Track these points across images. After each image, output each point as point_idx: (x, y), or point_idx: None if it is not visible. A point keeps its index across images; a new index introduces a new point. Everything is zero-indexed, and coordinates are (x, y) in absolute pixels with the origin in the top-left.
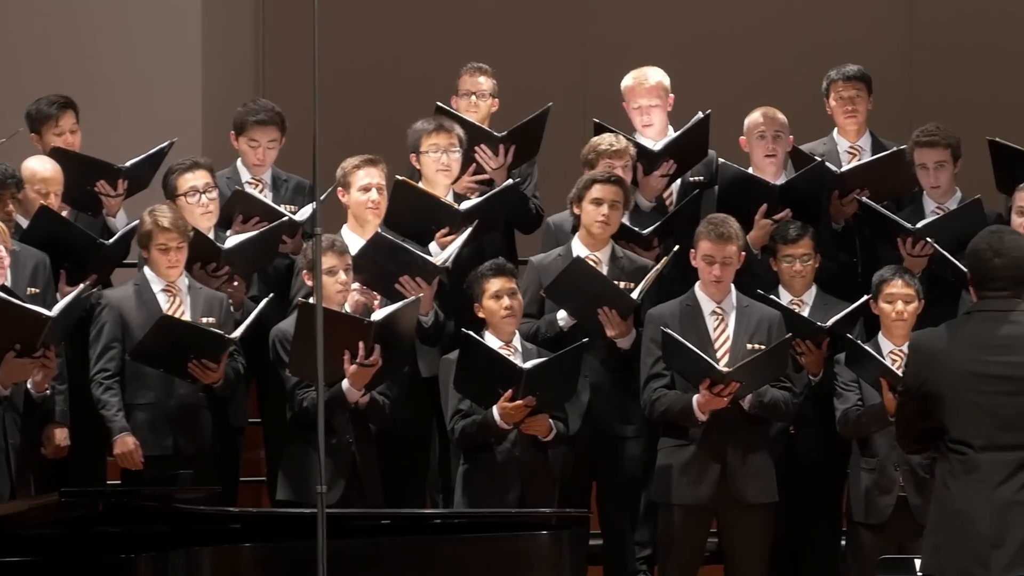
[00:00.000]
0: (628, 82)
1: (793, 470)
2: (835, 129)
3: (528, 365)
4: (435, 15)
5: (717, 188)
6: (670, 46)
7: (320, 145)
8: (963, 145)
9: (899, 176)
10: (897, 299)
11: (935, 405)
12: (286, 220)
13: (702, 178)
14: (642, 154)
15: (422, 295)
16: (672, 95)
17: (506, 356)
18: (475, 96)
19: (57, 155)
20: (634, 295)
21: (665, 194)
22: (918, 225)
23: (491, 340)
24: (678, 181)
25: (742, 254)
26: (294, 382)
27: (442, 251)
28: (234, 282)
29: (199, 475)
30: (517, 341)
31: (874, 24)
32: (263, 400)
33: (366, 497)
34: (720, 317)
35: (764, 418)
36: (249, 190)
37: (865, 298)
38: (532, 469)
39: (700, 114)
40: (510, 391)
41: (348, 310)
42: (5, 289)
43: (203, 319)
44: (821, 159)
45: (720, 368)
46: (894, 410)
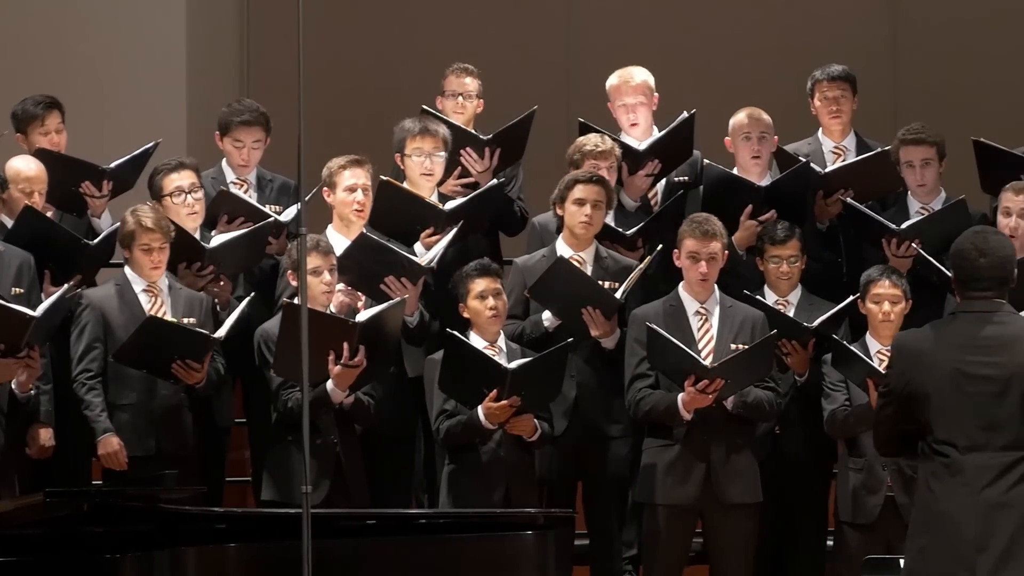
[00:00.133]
0: (613, 81)
1: (779, 470)
2: (820, 129)
3: (513, 365)
4: (420, 15)
5: (702, 189)
6: (655, 47)
7: (305, 145)
8: (947, 146)
9: (883, 176)
10: (884, 300)
11: (919, 406)
12: (271, 221)
13: (687, 178)
14: (627, 153)
15: (407, 296)
16: (656, 94)
17: (491, 356)
18: (461, 97)
19: (42, 156)
20: (617, 295)
21: (650, 194)
22: (903, 226)
23: (476, 340)
24: (663, 181)
25: (725, 252)
26: (279, 382)
27: (427, 251)
28: (220, 282)
29: (182, 476)
30: (502, 341)
31: (858, 25)
32: (248, 400)
33: (351, 497)
34: (704, 317)
35: (748, 418)
36: (234, 190)
37: (851, 298)
38: (517, 469)
39: (685, 114)
40: (495, 391)
41: (333, 311)
42: None
43: (184, 319)
44: (806, 159)
45: (704, 363)
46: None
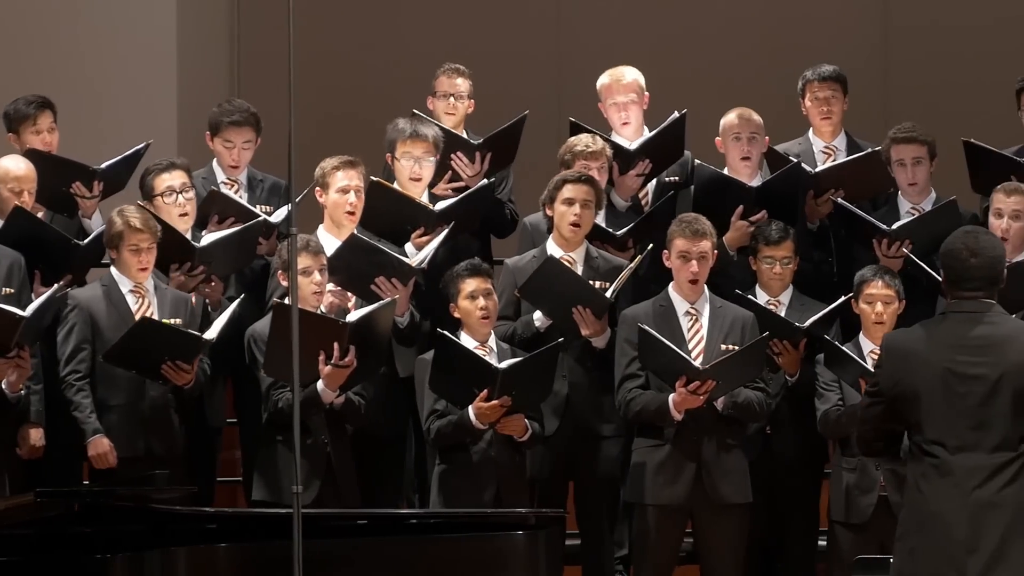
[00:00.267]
0: (605, 80)
1: (769, 470)
2: (810, 129)
3: (504, 365)
4: (410, 15)
5: (693, 189)
6: (645, 48)
7: (295, 145)
8: (937, 147)
9: (874, 176)
10: (877, 300)
11: (908, 406)
12: (260, 220)
13: (677, 178)
14: (618, 153)
15: (398, 296)
16: (647, 94)
17: (481, 356)
18: (452, 98)
19: (32, 156)
20: (608, 294)
21: (641, 194)
22: (894, 226)
23: (466, 340)
24: (654, 181)
25: (715, 252)
26: (269, 383)
27: (417, 252)
28: (211, 282)
29: (170, 476)
30: (492, 341)
31: (849, 25)
32: (239, 400)
33: (342, 497)
34: (694, 317)
35: (739, 419)
36: (224, 191)
37: (843, 299)
38: (508, 469)
39: (676, 113)
40: (485, 391)
41: (323, 311)
42: None
43: (171, 320)
44: (796, 159)
45: (695, 365)
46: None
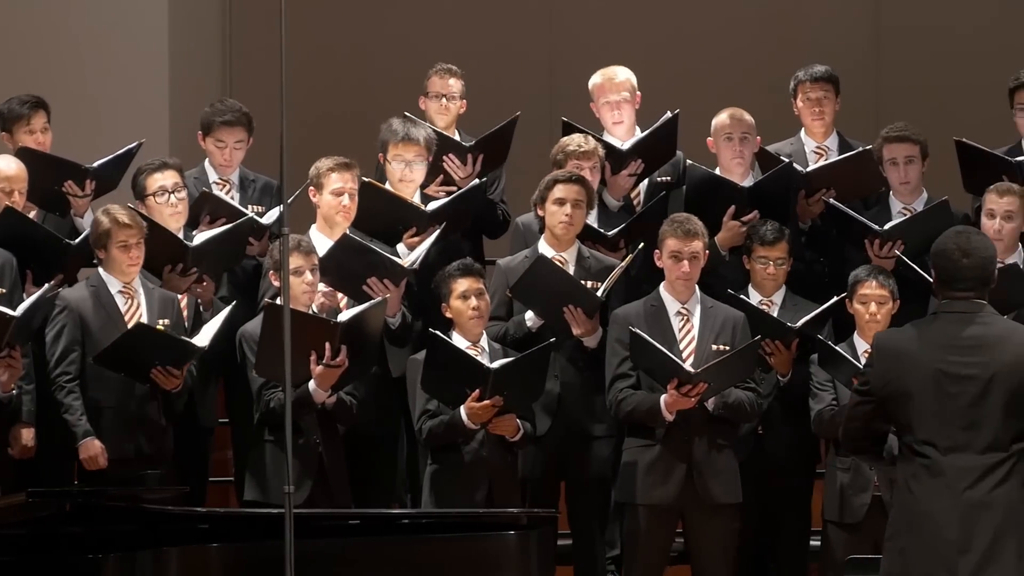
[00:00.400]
0: (597, 79)
1: (761, 470)
2: (802, 129)
3: (495, 365)
4: (402, 15)
5: (685, 189)
6: (637, 48)
7: (287, 145)
8: (929, 147)
9: (865, 176)
10: (871, 300)
11: (899, 406)
12: (248, 218)
13: (669, 179)
14: (610, 153)
15: (389, 295)
16: (639, 93)
17: (473, 356)
18: (445, 99)
19: (24, 155)
20: (599, 293)
21: (632, 194)
22: (886, 227)
23: (458, 340)
24: (645, 181)
25: (707, 252)
26: (261, 383)
27: (409, 252)
28: (203, 282)
29: (162, 476)
30: (484, 341)
31: (841, 26)
32: (231, 401)
33: (333, 497)
34: (685, 317)
35: (729, 419)
36: (216, 191)
37: (835, 299)
38: (499, 469)
39: (669, 113)
40: (477, 391)
41: (315, 310)
42: None
43: (159, 320)
44: (788, 159)
45: (687, 368)
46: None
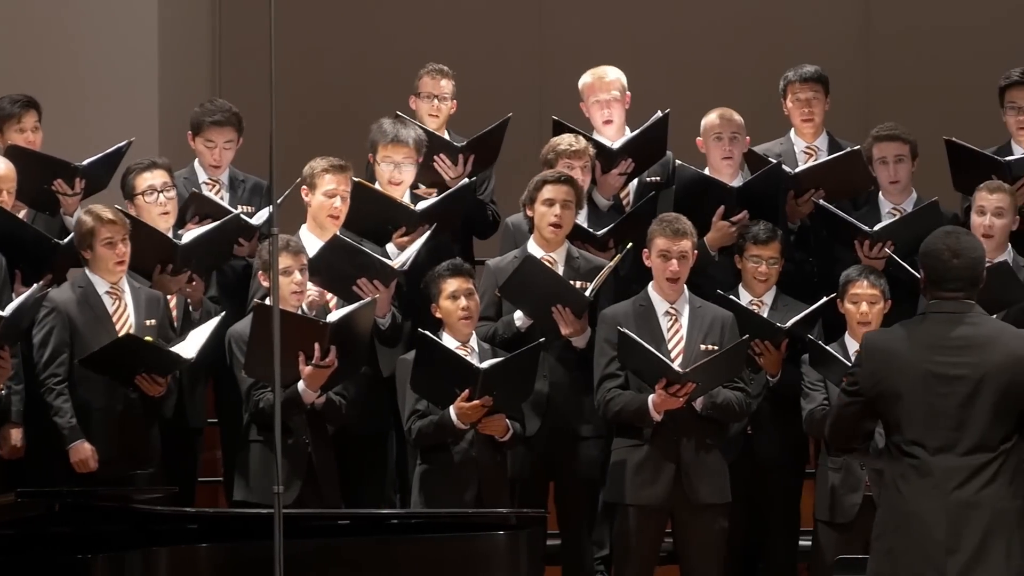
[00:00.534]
0: (587, 79)
1: (750, 471)
2: (792, 129)
3: (485, 365)
4: (392, 15)
5: (674, 189)
6: (627, 49)
7: (277, 145)
8: (919, 147)
9: (854, 176)
10: (862, 300)
11: (888, 406)
12: (235, 215)
13: (658, 179)
14: (600, 152)
15: (378, 296)
16: (629, 93)
17: (463, 356)
18: (437, 99)
19: (13, 153)
20: (587, 293)
21: (622, 194)
22: (875, 228)
23: (448, 340)
24: (635, 181)
25: (695, 251)
26: (250, 383)
27: (399, 251)
28: (192, 282)
29: (152, 476)
30: (474, 341)
31: (831, 26)
32: (220, 401)
33: (323, 497)
34: (673, 317)
35: (718, 419)
36: (206, 191)
37: (825, 299)
38: (489, 469)
39: (659, 113)
40: (467, 391)
41: (305, 310)
42: None
43: (147, 320)
44: (778, 160)
45: (675, 368)
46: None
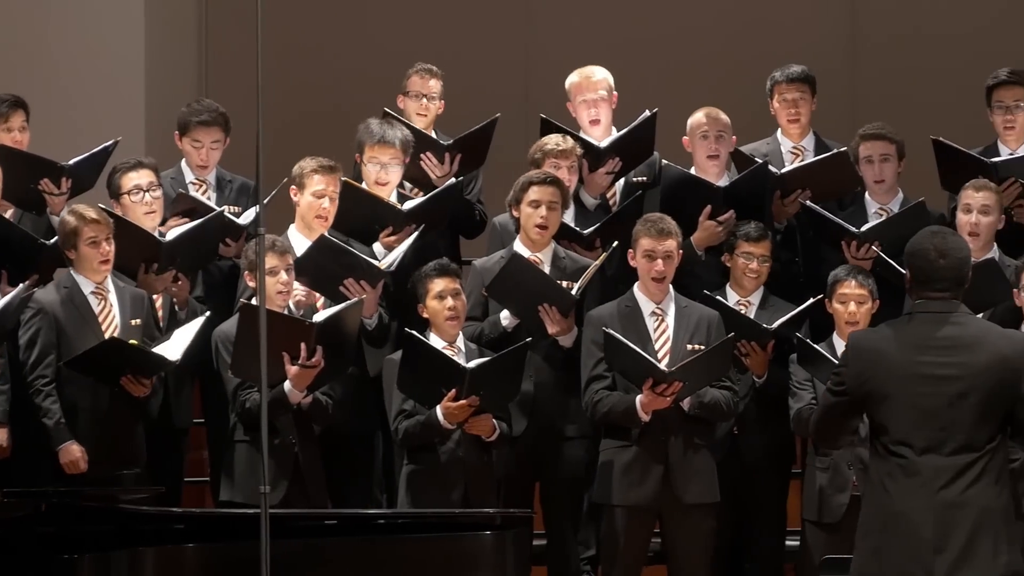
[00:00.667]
0: (574, 78)
1: (737, 471)
2: (779, 130)
3: (472, 364)
4: (379, 15)
5: (660, 189)
6: (614, 50)
7: (264, 145)
8: (906, 148)
9: (840, 176)
10: (850, 300)
11: (875, 406)
12: (219, 213)
13: (645, 179)
14: (588, 151)
15: (365, 296)
16: (615, 93)
17: (450, 356)
18: (425, 99)
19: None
20: (573, 291)
21: (608, 194)
22: (863, 228)
23: (435, 340)
24: (621, 181)
25: (680, 251)
26: (236, 383)
27: (386, 251)
28: (178, 281)
29: (138, 476)
30: (461, 341)
31: (818, 26)
32: (207, 401)
33: (309, 497)
34: (659, 317)
35: (706, 419)
36: (193, 192)
37: (811, 301)
38: (476, 469)
39: (647, 112)
40: (453, 391)
41: (292, 309)
42: None
43: (132, 320)
44: (764, 160)
45: (662, 368)
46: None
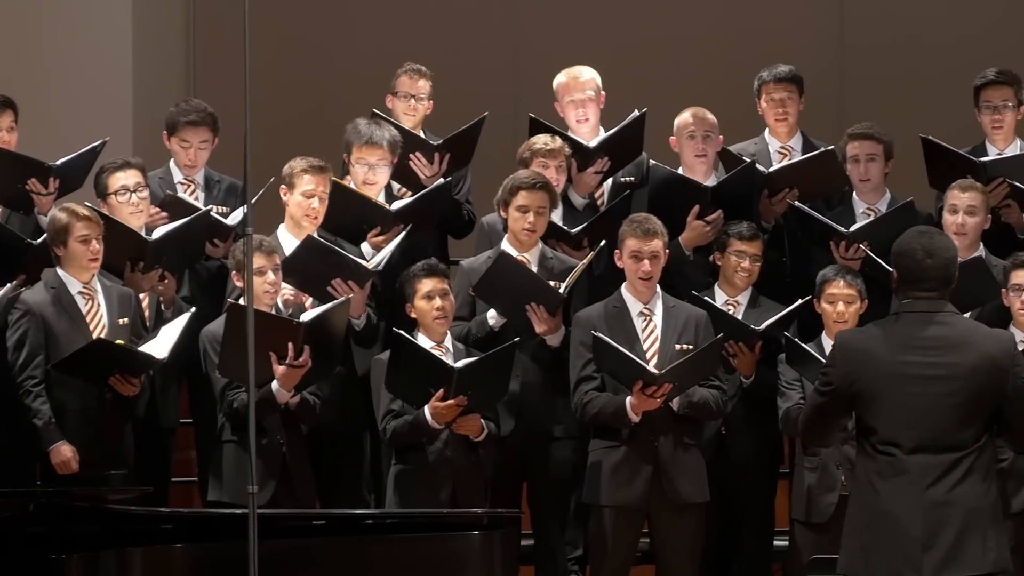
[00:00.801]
0: (562, 79)
1: (724, 471)
2: (766, 129)
3: (459, 364)
4: (368, 15)
5: (648, 189)
6: (601, 51)
7: (251, 146)
8: (894, 148)
9: (828, 176)
10: (839, 300)
11: (863, 405)
12: (204, 212)
13: (633, 179)
14: (577, 150)
15: (353, 297)
16: (603, 93)
17: (438, 356)
18: (414, 99)
19: None
20: (560, 290)
21: (596, 194)
22: (851, 229)
23: (423, 340)
24: (609, 181)
25: (666, 251)
26: (224, 383)
27: (374, 251)
28: (164, 280)
29: (126, 476)
30: (448, 341)
31: (806, 26)
32: (195, 401)
33: (297, 497)
34: (647, 318)
35: (695, 418)
36: (181, 192)
37: (800, 302)
38: (463, 469)
39: (636, 112)
40: (442, 391)
41: (280, 308)
42: None
43: (119, 319)
44: (752, 159)
45: (651, 370)
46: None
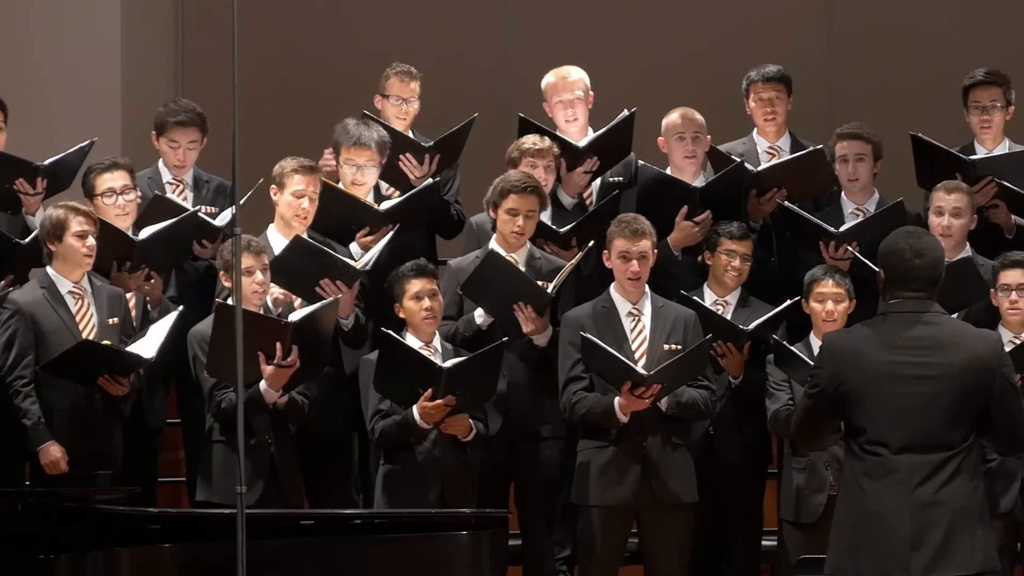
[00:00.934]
0: (550, 79)
1: (713, 472)
2: (754, 129)
3: (448, 364)
4: (356, 14)
5: (637, 189)
6: (590, 50)
7: (240, 146)
8: (883, 148)
9: (817, 175)
10: (827, 299)
11: (851, 406)
12: (192, 212)
13: (621, 179)
14: (566, 149)
15: (341, 297)
16: (592, 93)
17: (426, 356)
18: (404, 102)
19: None
20: (549, 289)
21: (585, 194)
22: (841, 229)
23: (411, 340)
24: (597, 181)
25: (655, 251)
26: (212, 383)
27: (362, 251)
28: (151, 280)
29: (114, 477)
30: (437, 341)
31: (795, 26)
32: (183, 401)
33: (286, 497)
34: (636, 318)
35: (683, 418)
36: (170, 192)
37: (788, 303)
38: (452, 469)
39: (625, 111)
40: (430, 390)
41: (270, 307)
42: None
43: (109, 319)
44: (740, 159)
45: (640, 370)
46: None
